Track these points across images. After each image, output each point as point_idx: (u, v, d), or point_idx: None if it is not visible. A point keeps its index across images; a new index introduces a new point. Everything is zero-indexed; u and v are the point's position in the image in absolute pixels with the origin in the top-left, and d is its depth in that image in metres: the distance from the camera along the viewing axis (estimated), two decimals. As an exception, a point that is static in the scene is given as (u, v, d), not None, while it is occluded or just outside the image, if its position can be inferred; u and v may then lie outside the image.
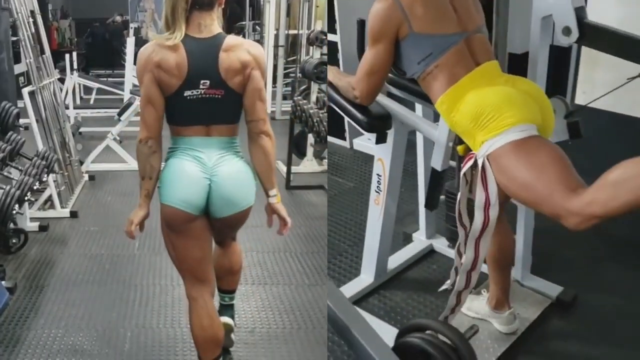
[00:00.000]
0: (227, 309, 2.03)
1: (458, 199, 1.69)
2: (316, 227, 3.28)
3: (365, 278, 2.39)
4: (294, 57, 7.01)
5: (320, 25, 5.21)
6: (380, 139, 2.00)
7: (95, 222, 3.34)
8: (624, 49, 1.80)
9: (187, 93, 1.54)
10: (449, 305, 1.81)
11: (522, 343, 2.05)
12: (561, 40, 1.83)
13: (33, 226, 3.13)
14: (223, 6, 1.59)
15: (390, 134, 2.04)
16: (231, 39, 1.57)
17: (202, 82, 1.53)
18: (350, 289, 2.34)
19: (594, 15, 2.84)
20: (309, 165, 4.35)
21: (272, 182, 1.68)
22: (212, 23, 1.56)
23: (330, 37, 3.77)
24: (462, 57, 1.62)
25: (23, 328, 2.21)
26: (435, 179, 1.96)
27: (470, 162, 1.60)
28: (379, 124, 1.93)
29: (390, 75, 1.85)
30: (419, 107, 2.25)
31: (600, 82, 2.74)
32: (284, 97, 6.59)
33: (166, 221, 1.62)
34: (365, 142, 3.77)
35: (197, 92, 1.54)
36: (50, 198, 3.41)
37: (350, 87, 1.82)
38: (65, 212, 3.40)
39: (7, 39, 3.63)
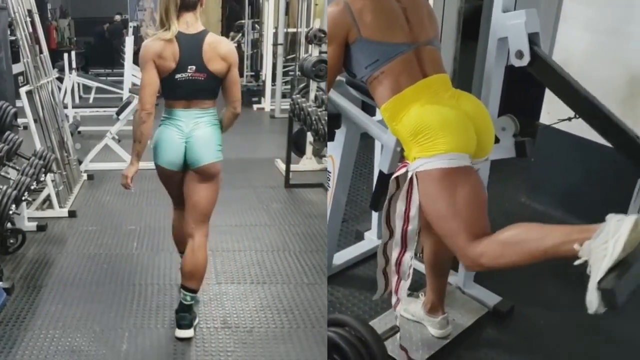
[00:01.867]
0: (184, 312, 2.16)
1: (387, 200, 1.76)
2: (315, 225, 3.27)
3: None
4: (293, 55, 7.00)
5: (319, 23, 5.20)
6: (329, 137, 2.05)
7: (94, 222, 3.33)
8: (561, 90, 1.89)
9: (177, 76, 1.99)
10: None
11: (452, 348, 2.10)
12: (514, 62, 1.88)
13: (31, 226, 3.12)
14: (203, 7, 2.02)
15: (342, 132, 2.09)
16: (211, 36, 2.01)
17: (189, 67, 1.98)
18: None
19: (562, 40, 2.88)
20: (308, 163, 4.34)
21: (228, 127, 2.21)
22: (196, 21, 2.00)
23: None
24: (409, 66, 1.67)
25: (20, 329, 2.20)
26: (382, 181, 1.98)
27: (403, 170, 1.68)
28: (328, 123, 1.99)
29: (348, 76, 1.89)
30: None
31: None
32: (283, 95, 6.57)
33: (158, 175, 2.16)
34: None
35: (186, 75, 1.99)
36: (48, 198, 3.40)
37: None
38: (64, 212, 3.39)
39: (4, 39, 3.60)
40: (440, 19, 2.94)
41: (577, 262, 1.37)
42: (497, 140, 1.82)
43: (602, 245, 1.33)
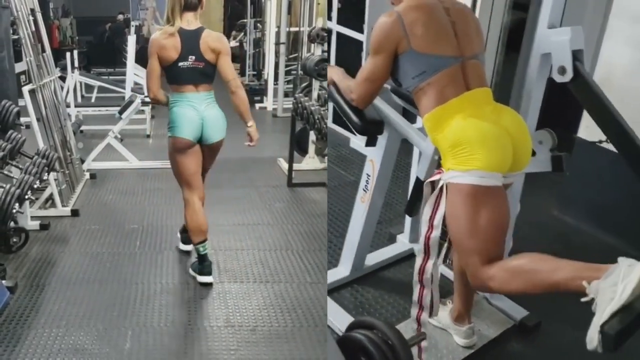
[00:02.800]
0: (203, 260, 2.55)
1: (422, 205, 1.78)
2: (318, 224, 3.27)
3: (342, 270, 2.47)
4: (295, 55, 6.99)
5: (321, 22, 5.18)
6: (370, 142, 2.09)
7: (97, 221, 3.33)
8: (594, 110, 1.88)
9: (180, 64, 2.39)
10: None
11: (476, 358, 2.09)
12: (556, 78, 1.89)
13: (34, 225, 3.12)
14: (203, 9, 2.42)
15: (384, 138, 2.15)
16: (206, 32, 2.42)
17: (190, 57, 2.39)
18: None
19: (606, 56, 2.87)
20: (310, 162, 4.33)
21: (248, 117, 2.55)
22: (196, 20, 2.42)
23: (357, 35, 3.77)
24: (454, 79, 1.70)
25: (24, 327, 2.21)
26: (418, 188, 2.01)
27: (437, 177, 1.71)
28: (371, 129, 2.03)
29: (393, 84, 1.92)
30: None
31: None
32: (286, 95, 6.57)
33: (176, 147, 2.46)
34: (358, 142, 3.77)
35: (187, 63, 2.39)
36: (51, 196, 3.41)
37: (349, 90, 1.91)
38: (66, 211, 3.39)
39: (7, 38, 3.61)
40: (485, 31, 2.95)
41: (583, 299, 1.39)
42: (533, 153, 1.82)
43: (611, 288, 1.35)
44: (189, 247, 2.83)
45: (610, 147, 2.74)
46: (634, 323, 1.33)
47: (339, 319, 2.19)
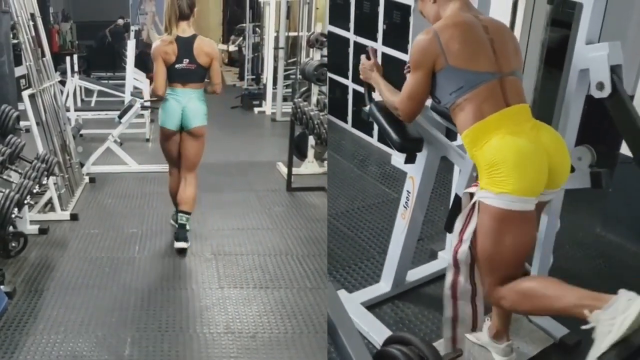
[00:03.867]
0: (181, 228, 2.98)
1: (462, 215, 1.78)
2: (317, 229, 3.26)
3: (383, 286, 2.47)
4: (294, 59, 7.00)
5: (320, 27, 5.19)
6: (409, 160, 2.12)
7: (96, 225, 3.32)
8: (625, 127, 1.88)
9: (177, 66, 2.84)
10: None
11: None
12: (594, 94, 1.89)
13: (33, 229, 3.11)
14: (195, 17, 2.86)
15: (423, 155, 2.16)
16: (199, 39, 2.86)
17: (184, 60, 2.83)
18: (367, 294, 2.43)
19: None
20: (310, 167, 4.33)
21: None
22: (189, 28, 2.85)
23: (402, 55, 3.77)
24: (493, 95, 1.71)
25: (22, 333, 2.19)
26: (457, 204, 2.01)
27: (474, 189, 1.73)
28: (410, 146, 2.06)
29: (433, 102, 1.95)
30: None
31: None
32: (284, 99, 6.57)
33: (162, 135, 2.99)
34: (399, 159, 3.76)
35: (182, 65, 2.84)
36: (50, 201, 3.40)
37: (394, 107, 1.94)
38: (66, 215, 3.38)
39: (7, 42, 3.61)
40: (524, 48, 2.98)
41: (584, 327, 1.44)
42: (572, 170, 1.82)
43: (609, 320, 1.39)
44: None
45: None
46: (630, 357, 1.37)
47: (378, 333, 2.14)
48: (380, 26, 3.98)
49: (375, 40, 4.02)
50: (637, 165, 1.90)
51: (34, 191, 2.89)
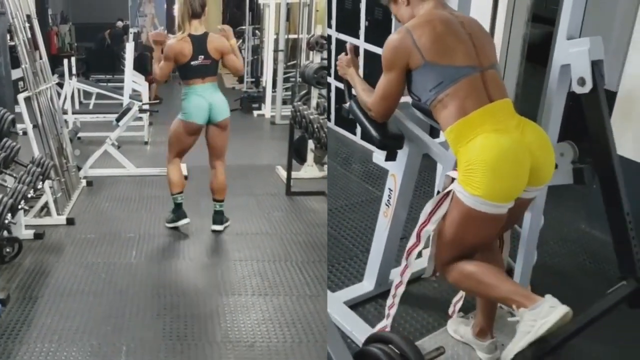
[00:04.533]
0: (218, 214, 3.24)
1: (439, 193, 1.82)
2: (317, 234, 3.22)
3: (366, 285, 2.46)
4: (294, 62, 6.97)
5: (320, 29, 5.16)
6: (390, 157, 2.09)
7: (92, 230, 3.27)
8: (591, 125, 1.88)
9: (193, 62, 2.99)
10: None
11: None
12: (576, 89, 1.87)
13: (28, 234, 3.06)
14: (206, 16, 3.02)
15: (404, 152, 2.13)
16: (211, 35, 3.03)
17: (199, 56, 2.99)
18: (350, 293, 2.42)
19: (631, 67, 2.80)
20: (309, 170, 4.29)
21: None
22: (201, 26, 3.02)
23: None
24: (475, 89, 1.69)
25: (15, 341, 2.14)
26: None
27: (456, 174, 1.71)
28: (390, 144, 2.03)
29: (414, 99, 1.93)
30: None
31: (632, 133, 2.71)
32: (284, 102, 6.53)
33: (186, 128, 3.08)
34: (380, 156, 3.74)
35: (198, 62, 3.00)
36: (46, 205, 3.35)
37: (367, 108, 1.94)
38: (62, 219, 3.33)
39: (4, 44, 3.56)
40: (506, 43, 2.98)
41: (511, 319, 1.58)
42: (555, 166, 1.80)
43: (531, 322, 1.50)
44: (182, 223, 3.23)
45: (637, 159, 2.70)
46: (544, 355, 1.52)
47: (362, 332, 2.12)
48: (363, 23, 3.94)
49: (358, 37, 4.00)
50: (592, 163, 1.93)
51: (29, 196, 2.84)
